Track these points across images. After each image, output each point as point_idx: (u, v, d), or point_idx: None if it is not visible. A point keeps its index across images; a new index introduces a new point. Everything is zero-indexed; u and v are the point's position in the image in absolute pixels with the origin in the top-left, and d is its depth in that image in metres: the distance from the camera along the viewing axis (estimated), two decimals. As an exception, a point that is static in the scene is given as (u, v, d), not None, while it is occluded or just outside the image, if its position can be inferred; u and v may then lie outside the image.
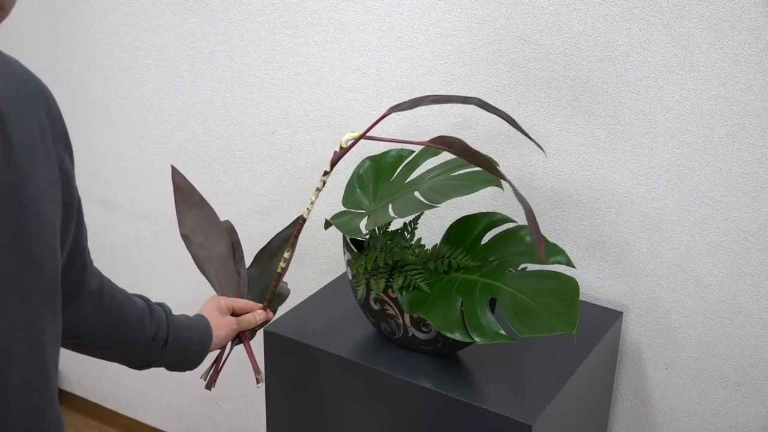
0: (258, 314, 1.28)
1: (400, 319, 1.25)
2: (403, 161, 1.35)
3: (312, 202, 1.12)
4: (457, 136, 1.51)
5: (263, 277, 1.33)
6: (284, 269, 1.22)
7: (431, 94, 1.43)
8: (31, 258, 0.78)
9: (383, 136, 1.61)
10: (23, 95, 0.81)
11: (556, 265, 1.21)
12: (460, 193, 1.17)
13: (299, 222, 1.19)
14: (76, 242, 0.94)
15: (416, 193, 1.21)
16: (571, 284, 1.14)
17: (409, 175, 1.32)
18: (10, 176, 0.75)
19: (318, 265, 1.79)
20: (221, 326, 1.23)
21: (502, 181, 1.08)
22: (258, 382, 1.27)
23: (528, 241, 1.24)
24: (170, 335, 1.15)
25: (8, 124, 0.76)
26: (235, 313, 1.27)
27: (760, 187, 1.29)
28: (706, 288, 1.37)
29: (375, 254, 1.25)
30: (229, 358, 1.29)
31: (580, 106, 1.39)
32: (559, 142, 1.42)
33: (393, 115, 1.58)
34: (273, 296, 1.27)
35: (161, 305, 1.19)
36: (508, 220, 1.29)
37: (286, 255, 1.20)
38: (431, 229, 1.57)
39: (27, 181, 0.77)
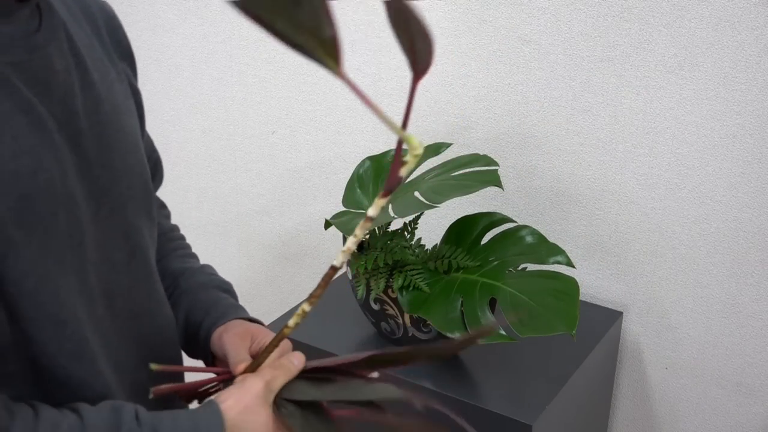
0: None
1: (400, 319, 1.25)
2: (403, 161, 1.35)
3: (344, 252, 0.79)
4: (456, 136, 1.52)
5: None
6: (295, 325, 0.83)
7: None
8: (119, 173, 0.81)
9: (382, 135, 1.61)
10: (83, 19, 0.84)
11: (556, 265, 1.21)
12: (460, 193, 1.17)
13: (330, 271, 0.79)
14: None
15: (416, 193, 1.21)
16: (571, 284, 1.14)
17: (409, 175, 1.31)
18: (88, 97, 0.78)
19: (318, 265, 1.79)
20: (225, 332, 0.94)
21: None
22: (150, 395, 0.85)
23: (528, 241, 1.24)
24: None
25: (79, 48, 0.79)
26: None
27: (760, 187, 1.29)
28: (706, 288, 1.37)
29: (375, 254, 1.25)
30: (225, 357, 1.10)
31: (580, 106, 1.39)
32: (559, 142, 1.42)
33: (392, 114, 1.58)
34: (263, 359, 0.85)
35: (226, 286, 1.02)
36: (508, 220, 1.29)
37: (305, 307, 0.80)
38: (431, 229, 1.57)
39: (104, 100, 0.80)
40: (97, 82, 0.80)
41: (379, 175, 1.35)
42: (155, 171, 1.04)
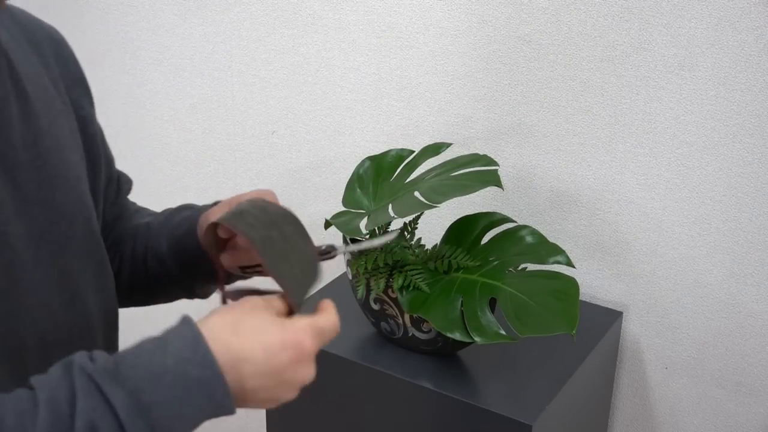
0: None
1: (400, 319, 1.25)
2: (403, 161, 1.35)
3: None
4: (456, 136, 1.52)
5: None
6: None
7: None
8: (60, 211, 0.76)
9: (382, 135, 1.61)
10: (28, 48, 0.78)
11: (556, 265, 1.21)
12: (460, 193, 1.17)
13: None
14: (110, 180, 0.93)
15: (416, 193, 1.21)
16: (571, 284, 1.14)
17: (409, 175, 1.32)
18: (29, 128, 0.73)
19: (318, 265, 1.79)
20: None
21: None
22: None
23: (528, 241, 1.24)
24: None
25: (21, 75, 0.74)
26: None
27: (760, 187, 1.29)
28: (706, 288, 1.37)
29: (375, 254, 1.25)
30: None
31: (580, 106, 1.39)
32: (559, 142, 1.42)
33: (392, 114, 1.58)
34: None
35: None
36: (508, 220, 1.29)
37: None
38: (431, 229, 1.57)
39: (46, 133, 0.75)
40: (39, 113, 0.75)
41: (379, 175, 1.35)
42: (118, 184, 1.01)
